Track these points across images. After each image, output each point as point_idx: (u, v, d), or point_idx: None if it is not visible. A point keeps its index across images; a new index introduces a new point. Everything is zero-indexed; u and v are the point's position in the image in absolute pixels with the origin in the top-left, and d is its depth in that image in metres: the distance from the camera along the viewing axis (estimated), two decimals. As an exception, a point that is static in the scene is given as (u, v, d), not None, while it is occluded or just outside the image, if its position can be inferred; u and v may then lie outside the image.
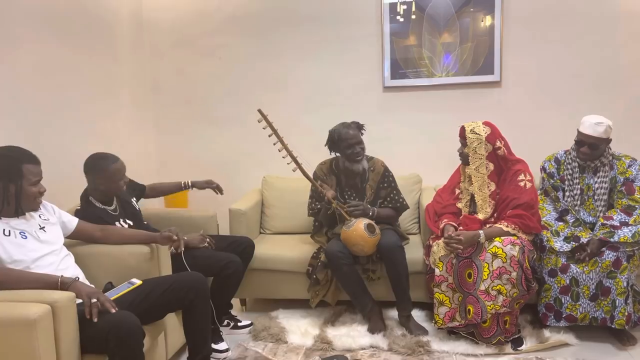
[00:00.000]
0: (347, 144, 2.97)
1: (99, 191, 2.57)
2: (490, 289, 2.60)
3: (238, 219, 3.25)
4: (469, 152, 2.84)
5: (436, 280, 2.72)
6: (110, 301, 1.95)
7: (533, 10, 3.51)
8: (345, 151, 2.99)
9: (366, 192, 3.11)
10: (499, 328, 2.66)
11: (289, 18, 3.77)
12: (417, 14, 3.63)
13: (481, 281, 2.62)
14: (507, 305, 2.61)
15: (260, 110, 2.89)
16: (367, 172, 3.11)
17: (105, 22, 3.46)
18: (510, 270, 2.59)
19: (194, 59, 3.91)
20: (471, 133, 2.82)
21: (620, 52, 3.47)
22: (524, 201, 2.73)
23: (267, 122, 2.87)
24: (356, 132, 2.99)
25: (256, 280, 3.15)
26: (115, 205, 2.66)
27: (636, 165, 2.79)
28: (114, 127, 3.47)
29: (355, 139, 2.98)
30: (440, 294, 2.71)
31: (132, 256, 2.39)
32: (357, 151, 2.98)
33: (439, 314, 2.71)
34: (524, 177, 2.80)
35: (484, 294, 2.61)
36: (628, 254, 2.65)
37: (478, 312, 2.61)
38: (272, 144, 2.91)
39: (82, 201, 2.61)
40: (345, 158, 3.02)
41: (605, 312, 2.66)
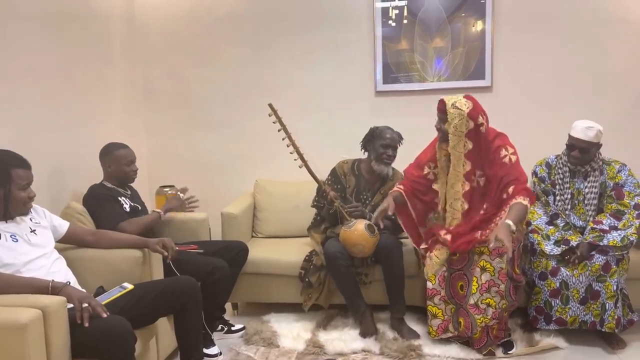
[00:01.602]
0: (384, 143, 3.03)
1: (110, 174, 2.83)
2: (480, 303, 2.61)
3: (230, 222, 3.24)
4: (449, 128, 2.66)
5: (429, 293, 2.73)
6: (102, 306, 1.94)
7: (524, 16, 3.54)
8: (378, 149, 3.04)
9: (376, 197, 3.12)
10: (489, 338, 2.66)
11: (282, 22, 3.78)
12: (408, 19, 3.65)
13: (470, 295, 2.62)
14: (497, 317, 2.61)
15: (270, 104, 2.93)
16: (387, 180, 3.14)
17: (98, 25, 3.44)
18: (498, 283, 2.59)
19: (186, 63, 3.90)
20: (452, 108, 2.63)
21: (611, 58, 3.50)
22: (515, 176, 2.62)
23: (276, 117, 2.94)
24: (395, 137, 3.06)
25: (248, 284, 3.15)
26: (127, 190, 2.92)
27: (626, 171, 2.83)
28: (106, 130, 3.46)
29: (393, 142, 3.05)
30: (433, 307, 2.72)
31: (124, 260, 2.38)
32: (389, 154, 3.04)
33: (432, 326, 2.73)
34: (506, 151, 2.68)
35: (474, 307, 2.61)
36: (617, 257, 2.68)
37: (468, 326, 2.63)
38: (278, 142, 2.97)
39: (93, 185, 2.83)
40: (375, 157, 3.06)
41: (594, 315, 2.68)
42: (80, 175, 3.01)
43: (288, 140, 2.95)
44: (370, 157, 3.10)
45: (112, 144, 2.87)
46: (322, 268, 2.98)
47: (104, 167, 2.86)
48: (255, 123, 3.01)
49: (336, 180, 3.15)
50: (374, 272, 2.99)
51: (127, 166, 2.84)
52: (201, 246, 2.83)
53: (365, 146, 3.13)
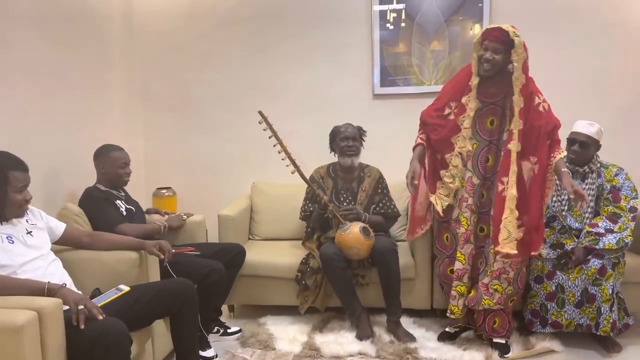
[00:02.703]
0: (343, 136, 3.13)
1: (103, 176, 2.81)
2: (490, 286, 2.65)
3: (227, 224, 3.24)
4: (515, 58, 2.49)
5: (459, 273, 2.70)
6: (98, 308, 1.94)
7: (521, 19, 3.53)
8: (339, 144, 3.13)
9: (360, 196, 3.16)
10: (484, 324, 2.72)
11: (280, 25, 3.78)
12: (406, 22, 3.66)
13: (485, 275, 2.66)
14: (502, 303, 2.65)
15: (260, 112, 2.94)
16: (363, 177, 3.17)
17: (96, 27, 3.45)
18: (509, 270, 2.63)
19: (184, 65, 3.90)
20: (515, 36, 2.48)
21: (609, 62, 3.52)
22: (551, 127, 2.57)
23: (267, 124, 2.96)
24: (354, 130, 3.16)
25: (245, 286, 3.15)
26: (121, 192, 2.90)
27: (623, 175, 2.84)
28: (103, 131, 3.46)
29: (351, 134, 3.14)
30: (462, 286, 2.70)
31: (121, 262, 2.38)
32: (350, 145, 3.12)
33: (459, 306, 2.70)
34: (539, 99, 2.59)
35: (484, 287, 2.66)
36: (613, 261, 2.69)
37: (473, 299, 2.68)
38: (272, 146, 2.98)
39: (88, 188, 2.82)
40: (339, 151, 3.16)
41: (590, 319, 2.69)
42: (76, 177, 3.01)
43: (280, 146, 2.96)
44: (337, 156, 3.20)
45: (107, 146, 2.85)
46: (319, 271, 2.98)
47: (98, 169, 2.84)
48: (252, 125, 3.02)
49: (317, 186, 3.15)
50: (370, 274, 3.00)
51: (121, 169, 2.82)
52: (198, 248, 2.84)
53: (331, 148, 3.23)
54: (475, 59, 2.61)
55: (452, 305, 2.72)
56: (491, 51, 2.53)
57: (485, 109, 2.66)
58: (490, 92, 2.64)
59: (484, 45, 2.57)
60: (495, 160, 2.66)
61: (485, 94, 2.66)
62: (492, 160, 2.67)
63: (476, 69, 2.62)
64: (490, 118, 2.66)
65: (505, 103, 2.62)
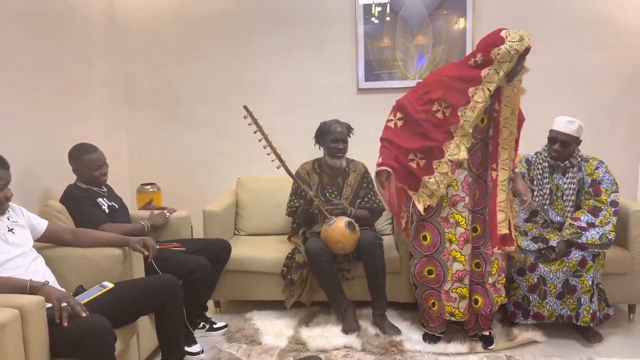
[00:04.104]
0: (334, 137, 3.10)
1: (80, 177, 2.77)
2: (497, 283, 2.67)
3: (212, 220, 3.23)
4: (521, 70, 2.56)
5: (459, 275, 2.62)
6: (81, 305, 1.93)
7: (504, 14, 3.57)
8: (329, 144, 3.12)
9: (345, 190, 3.17)
10: (477, 323, 2.71)
11: (264, 19, 3.77)
12: (391, 16, 3.66)
13: (490, 275, 2.66)
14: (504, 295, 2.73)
15: (245, 106, 2.93)
16: (348, 172, 3.18)
17: (77, 21, 3.40)
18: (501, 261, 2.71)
19: (167, 60, 3.87)
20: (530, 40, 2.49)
21: (589, 57, 3.56)
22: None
23: (252, 119, 2.95)
24: (344, 131, 3.14)
25: (230, 281, 3.14)
26: (103, 188, 2.86)
27: (603, 168, 2.88)
28: (86, 127, 3.42)
29: (341, 136, 3.12)
30: (463, 288, 2.64)
31: (104, 259, 2.36)
32: (340, 147, 3.12)
33: (460, 308, 2.63)
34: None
35: (492, 287, 2.66)
36: (593, 253, 2.73)
37: (487, 304, 2.63)
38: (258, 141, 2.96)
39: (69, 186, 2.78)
40: (327, 151, 3.15)
41: (571, 309, 2.73)
42: (56, 174, 2.95)
43: (265, 141, 2.95)
44: (324, 153, 3.19)
45: (79, 149, 2.77)
46: (305, 265, 2.99)
47: (73, 171, 2.79)
48: (237, 121, 3.01)
49: (302, 182, 3.16)
50: (356, 268, 3.01)
51: (96, 171, 2.76)
52: (183, 244, 2.83)
53: (317, 141, 3.21)
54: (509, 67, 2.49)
55: (452, 307, 2.63)
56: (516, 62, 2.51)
57: None
58: None
59: (524, 58, 2.53)
60: (483, 157, 2.67)
61: None
62: (481, 156, 2.67)
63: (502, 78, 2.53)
64: (482, 116, 2.64)
65: (492, 100, 2.62)
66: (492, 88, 2.51)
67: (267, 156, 2.99)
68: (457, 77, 2.60)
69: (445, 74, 2.66)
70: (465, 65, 2.61)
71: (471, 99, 2.55)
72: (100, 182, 2.82)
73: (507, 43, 2.45)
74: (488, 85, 2.52)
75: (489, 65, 2.51)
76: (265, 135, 2.96)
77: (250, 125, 2.95)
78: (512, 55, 2.45)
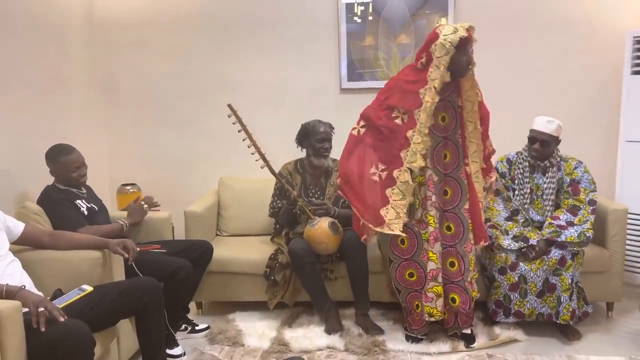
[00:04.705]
0: (319, 137, 3.10)
1: (58, 178, 2.72)
2: (472, 279, 2.70)
3: (194, 221, 3.20)
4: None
5: (432, 274, 2.63)
6: (59, 309, 1.89)
7: (484, 13, 3.59)
8: (315, 145, 3.11)
9: (328, 190, 3.17)
10: (456, 322, 2.71)
11: (247, 18, 3.74)
12: (373, 16, 3.67)
13: (468, 272, 2.67)
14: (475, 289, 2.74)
15: (230, 105, 2.91)
16: (331, 171, 3.17)
17: (56, 19, 3.34)
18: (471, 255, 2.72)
19: (148, 58, 3.82)
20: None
21: (567, 57, 3.60)
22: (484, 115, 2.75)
23: (236, 117, 2.93)
24: (328, 130, 3.14)
25: (213, 282, 3.12)
26: (83, 189, 2.80)
27: (581, 168, 2.92)
28: (65, 126, 3.37)
29: (327, 135, 3.13)
30: (439, 286, 2.64)
31: (83, 262, 2.33)
32: (325, 147, 3.11)
33: (437, 307, 2.63)
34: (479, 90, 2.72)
35: (470, 284, 2.68)
36: (573, 252, 2.77)
37: (466, 301, 2.65)
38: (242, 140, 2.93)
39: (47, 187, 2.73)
40: (313, 152, 3.13)
41: (551, 308, 2.77)
42: (35, 175, 2.86)
43: (249, 140, 2.93)
44: (309, 153, 3.17)
45: (56, 149, 2.70)
46: (288, 266, 2.98)
47: (51, 172, 2.73)
48: (219, 120, 2.98)
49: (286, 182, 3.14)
50: (339, 268, 3.01)
51: (74, 172, 2.69)
52: (164, 246, 2.80)
53: (300, 143, 3.19)
54: (447, 60, 2.48)
55: (430, 308, 2.64)
56: (463, 52, 2.50)
57: (437, 105, 2.59)
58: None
59: (465, 48, 2.50)
60: (452, 156, 2.69)
61: None
62: (450, 156, 2.69)
63: (444, 73, 2.50)
64: (442, 114, 2.66)
65: (453, 98, 2.66)
66: (437, 85, 2.51)
67: (250, 156, 2.97)
68: (411, 80, 2.62)
69: (401, 78, 2.68)
70: (415, 67, 2.63)
71: (422, 100, 2.55)
72: (79, 184, 2.76)
73: (441, 37, 2.47)
74: (433, 83, 2.52)
75: (431, 63, 2.53)
76: (250, 135, 2.94)
77: (235, 124, 2.92)
78: (448, 48, 2.46)
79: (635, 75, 3.30)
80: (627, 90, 3.34)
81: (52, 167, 2.70)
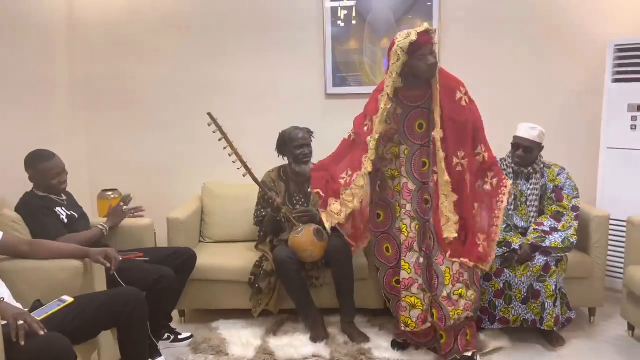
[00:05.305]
0: (297, 144, 3.06)
1: (37, 185, 2.65)
2: (452, 294, 2.52)
3: (176, 228, 3.15)
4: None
5: (405, 283, 2.59)
6: (39, 322, 1.84)
7: (468, 19, 3.62)
8: (294, 151, 3.06)
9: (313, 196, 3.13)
10: (455, 345, 2.59)
11: (230, 20, 3.70)
12: (357, 21, 3.66)
13: (443, 287, 2.53)
14: (470, 309, 2.54)
15: (210, 113, 2.87)
16: None
17: (35, 19, 3.27)
18: (463, 272, 2.54)
19: (130, 60, 3.76)
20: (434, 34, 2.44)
21: (550, 64, 3.64)
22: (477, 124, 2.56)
23: (216, 126, 2.88)
24: (306, 135, 3.10)
25: (196, 290, 3.08)
26: (62, 196, 2.74)
27: (564, 174, 2.95)
28: (43, 130, 3.29)
29: (305, 141, 3.08)
30: (412, 297, 2.58)
31: (63, 271, 2.27)
32: (305, 153, 3.07)
33: (412, 317, 2.58)
34: (460, 92, 2.51)
35: (447, 299, 2.52)
36: (557, 258, 2.79)
37: (441, 318, 2.54)
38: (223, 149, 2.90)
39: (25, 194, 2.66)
40: (293, 159, 3.09)
41: (535, 314, 2.79)
42: (13, 181, 2.77)
43: (230, 149, 2.89)
44: (290, 161, 3.14)
45: (35, 156, 2.62)
46: (273, 273, 2.95)
47: (30, 179, 2.65)
48: (202, 124, 2.93)
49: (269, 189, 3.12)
50: (325, 275, 2.99)
51: (54, 179, 2.62)
52: (147, 253, 2.74)
53: (281, 152, 3.15)
54: (399, 66, 2.43)
55: (405, 317, 2.60)
56: (431, 55, 2.43)
57: (413, 112, 2.57)
58: (415, 95, 2.56)
59: (422, 52, 2.40)
60: (431, 164, 2.58)
61: (409, 98, 2.58)
62: (429, 164, 2.58)
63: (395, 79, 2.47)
64: (419, 121, 2.58)
65: (430, 105, 2.54)
66: (389, 91, 2.47)
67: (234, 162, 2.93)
68: (378, 88, 2.62)
69: (377, 87, 2.68)
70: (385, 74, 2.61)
71: (379, 106, 2.54)
72: (59, 191, 2.70)
73: (396, 43, 2.43)
74: (387, 89, 2.49)
75: (388, 70, 2.52)
76: (231, 143, 2.90)
77: (215, 132, 2.88)
78: (399, 54, 2.41)
79: (616, 83, 3.35)
80: (608, 98, 3.39)
81: (31, 173, 2.64)
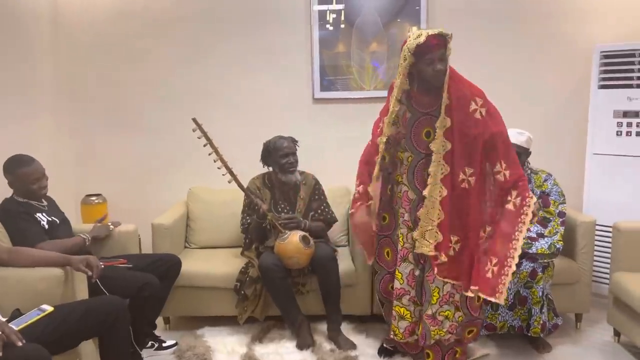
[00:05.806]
0: (282, 153, 3.02)
1: (17, 191, 2.61)
2: (438, 314, 2.40)
3: (161, 234, 3.10)
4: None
5: (397, 293, 2.51)
6: (17, 333, 1.80)
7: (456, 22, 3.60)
8: (279, 161, 3.03)
9: (299, 205, 3.12)
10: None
11: (218, 24, 3.67)
12: (345, 25, 3.65)
13: (430, 305, 2.41)
14: (454, 332, 2.42)
15: (195, 119, 2.83)
16: (299, 185, 3.13)
17: (18, 20, 3.21)
18: (454, 293, 2.41)
19: (116, 63, 3.71)
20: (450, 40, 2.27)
21: (537, 70, 3.66)
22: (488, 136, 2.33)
23: (202, 132, 2.84)
24: (291, 144, 3.07)
25: (181, 297, 3.03)
26: (43, 201, 2.70)
27: (551, 180, 2.95)
28: (26, 132, 3.24)
29: (290, 149, 3.05)
30: (401, 308, 2.50)
31: (43, 280, 2.21)
32: (290, 161, 3.04)
33: (399, 328, 2.52)
34: (476, 104, 2.33)
35: (431, 318, 2.40)
36: (543, 265, 2.79)
37: (423, 336, 2.44)
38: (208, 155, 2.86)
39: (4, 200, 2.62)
40: (279, 168, 3.06)
41: (522, 320, 2.79)
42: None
43: (215, 155, 2.86)
44: (276, 171, 3.09)
45: (14, 161, 2.58)
46: (259, 280, 2.92)
47: (9, 184, 2.61)
48: (188, 129, 2.90)
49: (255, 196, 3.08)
50: (311, 282, 2.97)
51: (33, 184, 2.58)
52: (130, 260, 2.71)
53: (265, 162, 3.12)
54: (405, 67, 2.32)
55: (394, 326, 2.55)
56: (440, 61, 2.27)
57: (422, 118, 2.42)
58: (426, 101, 2.41)
59: (430, 56, 2.26)
60: None
61: (419, 103, 2.43)
62: None
63: (403, 80, 2.36)
64: (426, 129, 2.41)
65: (439, 112, 2.36)
66: (397, 92, 2.37)
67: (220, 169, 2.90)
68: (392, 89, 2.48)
69: (390, 87, 2.54)
70: None
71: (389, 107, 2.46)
72: (39, 196, 2.65)
73: (408, 42, 2.29)
74: (395, 90, 2.40)
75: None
76: (216, 149, 2.86)
77: (200, 138, 2.84)
78: (405, 55, 2.29)
79: (602, 89, 3.37)
80: (594, 103, 3.41)
81: (10, 179, 2.59)
